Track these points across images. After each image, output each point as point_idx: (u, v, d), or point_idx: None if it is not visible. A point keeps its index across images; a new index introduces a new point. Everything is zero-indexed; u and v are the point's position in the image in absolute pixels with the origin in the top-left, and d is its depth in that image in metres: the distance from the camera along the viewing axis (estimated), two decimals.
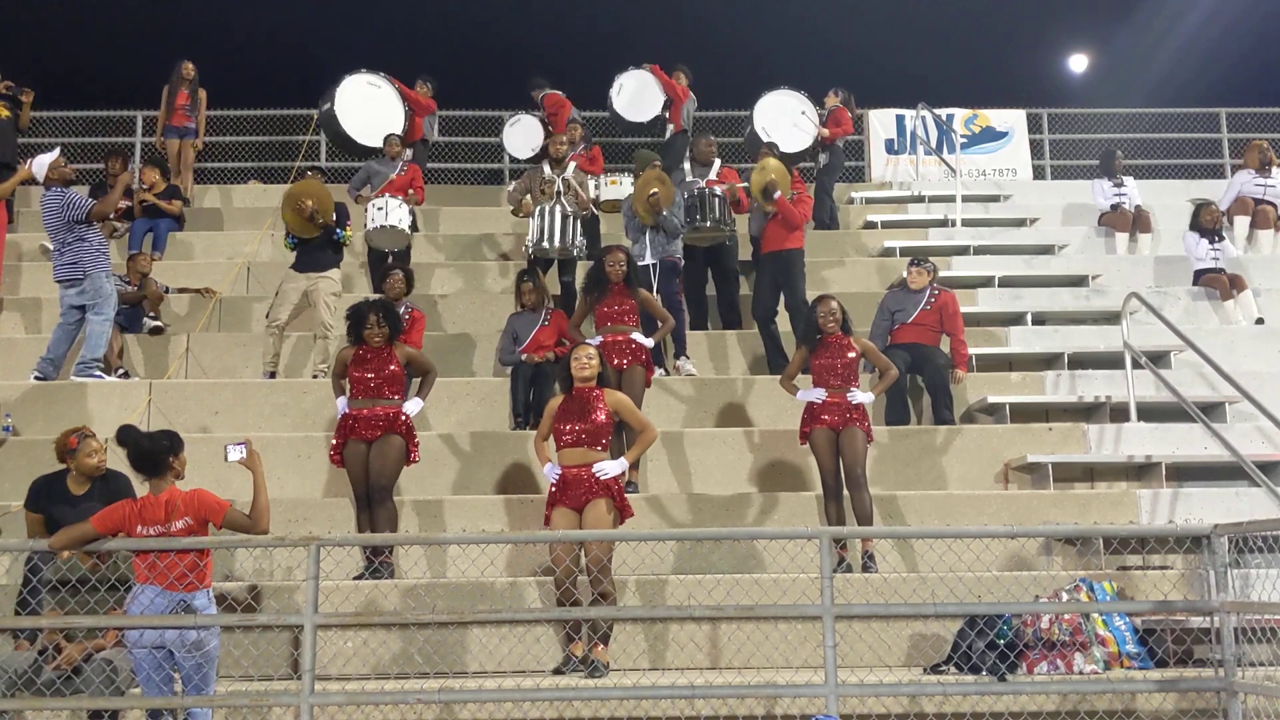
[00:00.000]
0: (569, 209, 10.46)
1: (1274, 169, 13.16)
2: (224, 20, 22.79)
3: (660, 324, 8.98)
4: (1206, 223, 11.88)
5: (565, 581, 6.50)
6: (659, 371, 9.64)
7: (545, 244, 10.38)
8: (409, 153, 12.83)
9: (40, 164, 9.76)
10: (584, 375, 6.97)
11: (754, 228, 10.86)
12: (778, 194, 10.12)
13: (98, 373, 9.51)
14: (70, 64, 21.08)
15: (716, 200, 10.58)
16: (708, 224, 10.51)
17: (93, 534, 5.60)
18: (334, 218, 10.11)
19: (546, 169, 10.85)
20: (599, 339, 8.61)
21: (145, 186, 13.19)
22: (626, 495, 7.14)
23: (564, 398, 7.03)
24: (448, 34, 23.07)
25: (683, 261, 10.37)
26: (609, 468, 6.82)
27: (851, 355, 7.94)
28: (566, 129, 12.51)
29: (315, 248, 10.11)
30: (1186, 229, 12.12)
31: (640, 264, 9.81)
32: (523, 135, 14.36)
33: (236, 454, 5.84)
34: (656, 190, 10.04)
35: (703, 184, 10.80)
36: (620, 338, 8.60)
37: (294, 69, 18.26)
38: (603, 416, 6.90)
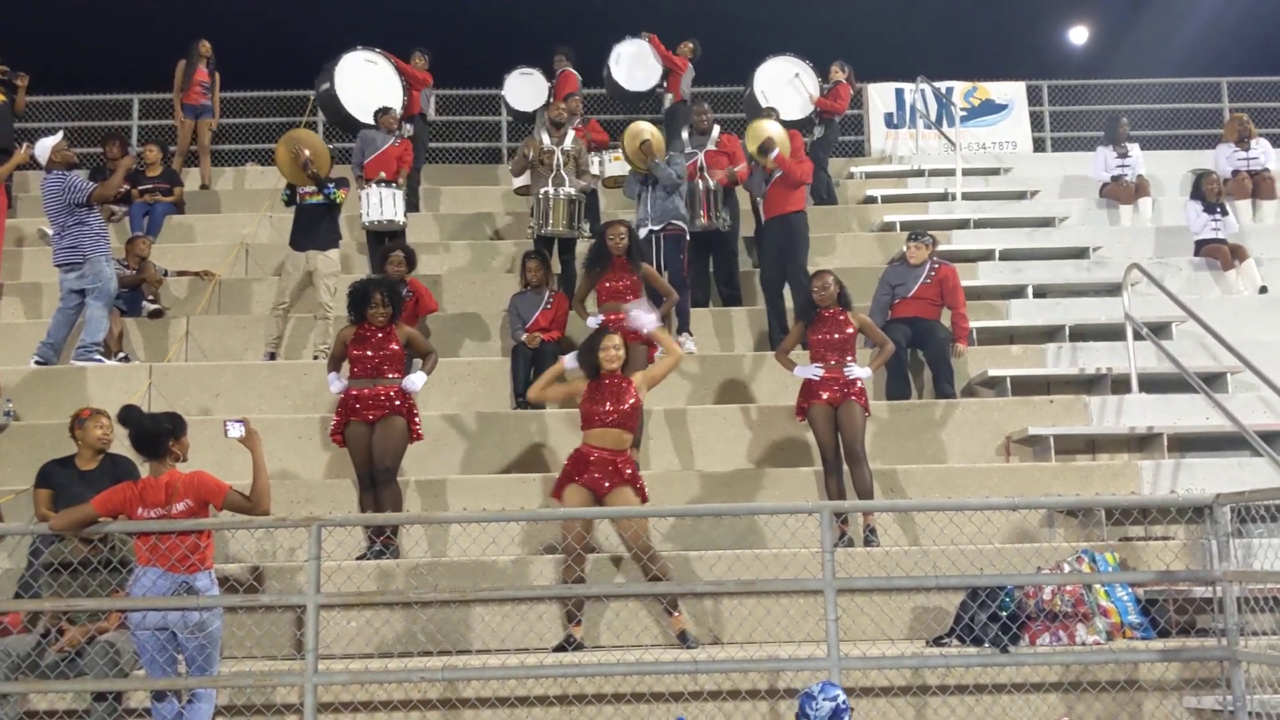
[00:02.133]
0: (569, 182, 10.38)
1: (1254, 140, 13.12)
2: (219, 1, 22.68)
3: (664, 299, 8.96)
4: (1207, 193, 11.83)
5: (582, 561, 6.51)
6: (684, 339, 9.65)
7: (550, 228, 10.32)
8: (409, 128, 12.79)
9: (43, 147, 9.72)
10: (613, 367, 6.98)
11: (756, 191, 10.78)
12: (775, 151, 10.04)
13: (97, 356, 9.50)
14: (65, 47, 20.99)
15: (711, 195, 10.51)
16: (703, 219, 10.47)
17: (93, 515, 5.61)
18: (328, 172, 10.07)
19: (545, 139, 10.75)
20: (600, 316, 8.58)
21: (144, 165, 13.15)
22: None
23: (591, 383, 7.03)
24: (444, 11, 22.94)
25: (688, 234, 10.28)
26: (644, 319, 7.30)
27: (849, 330, 7.93)
28: (565, 100, 12.45)
29: (312, 220, 10.07)
30: (1187, 199, 12.08)
31: (641, 231, 9.78)
32: (531, 89, 14.23)
33: (236, 431, 5.83)
34: (648, 139, 10.02)
35: (701, 157, 10.72)
36: (621, 315, 8.56)
37: (288, 50, 18.14)
38: (632, 401, 6.91)
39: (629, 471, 6.83)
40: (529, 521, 7.60)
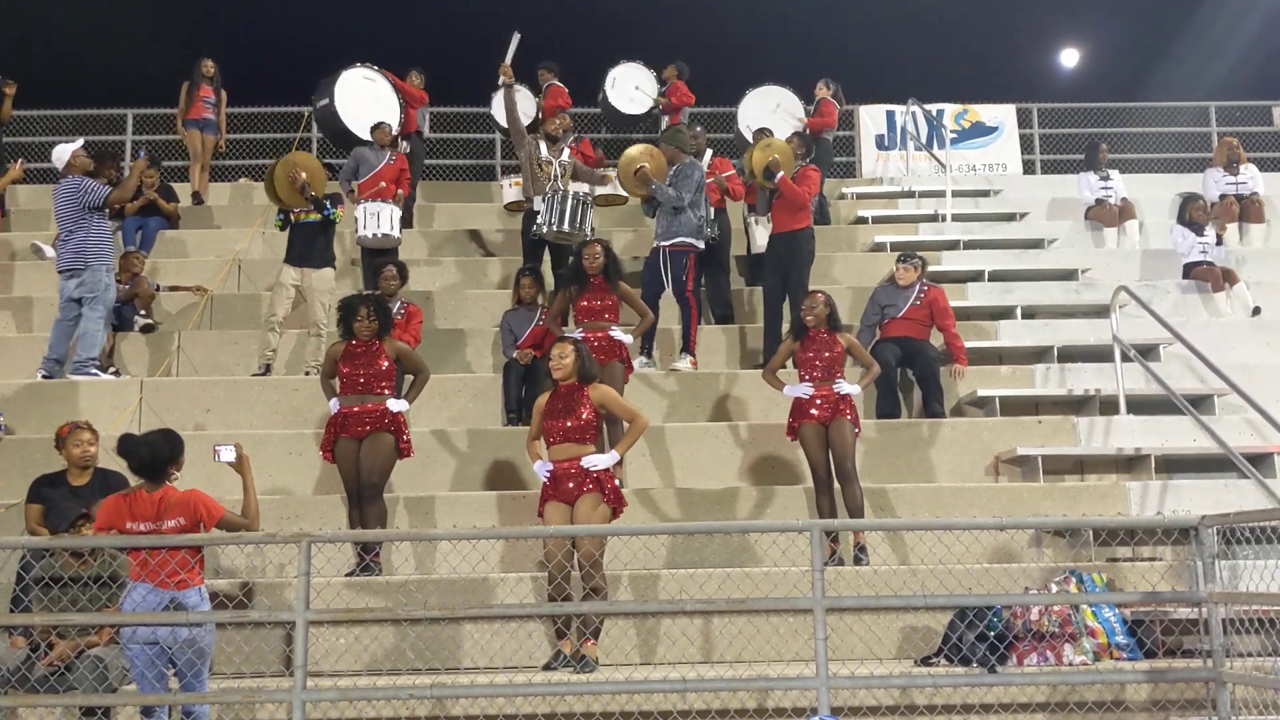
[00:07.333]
0: (572, 191, 10.45)
1: (1242, 166, 13.24)
2: (214, 15, 22.77)
3: (640, 318, 9.01)
4: (1194, 217, 11.91)
5: (557, 576, 6.51)
6: (640, 361, 9.62)
7: (554, 225, 10.34)
8: (405, 145, 12.82)
9: (63, 151, 9.80)
10: (559, 375, 6.93)
11: (760, 210, 10.84)
12: (780, 174, 10.09)
13: (94, 371, 9.43)
14: (60, 61, 21.02)
15: None
16: None
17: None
18: (324, 192, 10.10)
19: (544, 149, 10.80)
20: (579, 333, 8.59)
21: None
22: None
23: (550, 394, 7.02)
24: (437, 29, 23.05)
25: (698, 247, 10.10)
26: (599, 460, 6.79)
27: (837, 349, 7.96)
28: (557, 116, 12.48)
29: (308, 237, 10.10)
30: (1174, 223, 12.17)
31: (668, 243, 9.85)
32: (520, 104, 14.21)
33: (227, 454, 5.83)
34: (644, 164, 10.05)
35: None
36: (599, 334, 8.60)
37: (282, 67, 18.23)
38: (587, 413, 6.85)
39: (596, 477, 6.75)
40: (519, 539, 7.60)
